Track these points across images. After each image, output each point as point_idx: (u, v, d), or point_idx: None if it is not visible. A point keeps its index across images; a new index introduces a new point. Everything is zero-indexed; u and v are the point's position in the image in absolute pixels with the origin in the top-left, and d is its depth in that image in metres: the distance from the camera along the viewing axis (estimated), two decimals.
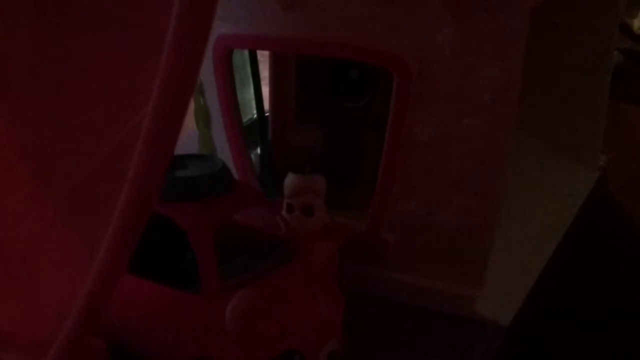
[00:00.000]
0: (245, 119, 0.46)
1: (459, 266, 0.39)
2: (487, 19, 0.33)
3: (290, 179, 0.38)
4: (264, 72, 0.47)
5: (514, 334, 0.38)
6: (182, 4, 0.20)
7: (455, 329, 0.38)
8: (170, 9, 0.20)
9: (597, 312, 0.45)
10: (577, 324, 0.43)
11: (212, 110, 0.45)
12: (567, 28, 0.53)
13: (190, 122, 0.46)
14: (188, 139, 0.47)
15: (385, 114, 0.37)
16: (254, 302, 0.30)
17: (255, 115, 0.47)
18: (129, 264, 0.23)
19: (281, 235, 0.36)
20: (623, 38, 0.86)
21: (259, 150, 0.47)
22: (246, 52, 0.45)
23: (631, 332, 0.43)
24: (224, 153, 0.44)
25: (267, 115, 0.48)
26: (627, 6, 0.86)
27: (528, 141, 0.56)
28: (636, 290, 0.47)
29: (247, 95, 0.48)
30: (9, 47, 0.33)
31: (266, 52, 0.47)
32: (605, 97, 0.55)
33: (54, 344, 0.24)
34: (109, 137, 0.28)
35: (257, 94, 0.45)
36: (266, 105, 0.47)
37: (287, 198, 0.38)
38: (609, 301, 0.46)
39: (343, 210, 0.41)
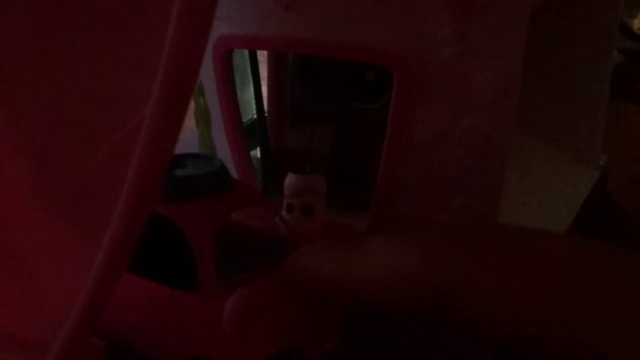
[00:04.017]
0: (245, 119, 0.46)
1: None
2: (487, 19, 0.34)
3: (290, 179, 0.38)
4: (264, 72, 0.47)
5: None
6: (182, 4, 0.20)
7: (455, 329, 0.38)
8: (170, 9, 0.20)
9: None
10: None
11: (212, 110, 0.45)
12: (567, 28, 0.53)
13: (190, 122, 0.46)
14: (188, 139, 0.47)
15: None
16: (252, 301, 0.30)
17: (255, 115, 0.47)
18: (129, 264, 0.23)
19: (280, 235, 0.36)
20: (623, 38, 0.86)
21: (259, 150, 0.47)
22: (246, 52, 0.45)
23: None
24: (224, 153, 0.45)
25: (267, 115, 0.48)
26: (627, 6, 0.86)
27: (528, 141, 0.56)
28: None
29: (247, 95, 0.48)
30: (8, 48, 0.33)
31: (266, 52, 0.48)
32: (605, 97, 0.55)
33: (54, 344, 0.24)
34: (109, 137, 0.28)
35: (257, 94, 0.45)
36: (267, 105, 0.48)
37: (287, 198, 0.38)
38: None
39: (351, 210, 0.41)
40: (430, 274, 0.23)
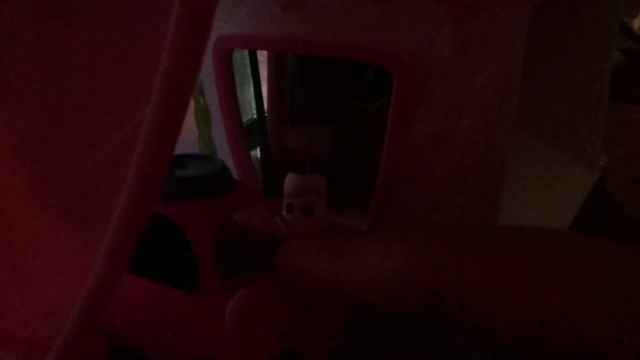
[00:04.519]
0: (245, 119, 0.46)
1: None
2: (487, 19, 0.34)
3: (290, 179, 0.38)
4: (264, 72, 0.47)
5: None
6: (182, 4, 0.20)
7: (455, 329, 0.38)
8: (170, 9, 0.20)
9: None
10: None
11: (212, 110, 0.45)
12: (567, 28, 0.53)
13: (190, 122, 0.46)
14: (188, 139, 0.47)
15: None
16: (254, 301, 0.30)
17: (255, 115, 0.47)
18: (129, 264, 0.23)
19: (281, 235, 0.36)
20: (623, 38, 0.86)
21: (259, 150, 0.47)
22: (246, 52, 0.45)
23: None
24: (224, 153, 0.45)
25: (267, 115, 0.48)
26: (627, 6, 0.86)
27: (528, 141, 0.56)
28: None
29: (247, 95, 0.48)
30: (8, 49, 0.33)
31: (266, 52, 0.48)
32: (605, 97, 0.55)
33: (54, 344, 0.24)
34: (109, 137, 0.28)
35: (257, 94, 0.45)
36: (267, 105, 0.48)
37: (287, 198, 0.38)
38: None
39: (351, 210, 0.41)
40: (420, 273, 0.23)
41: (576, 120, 0.56)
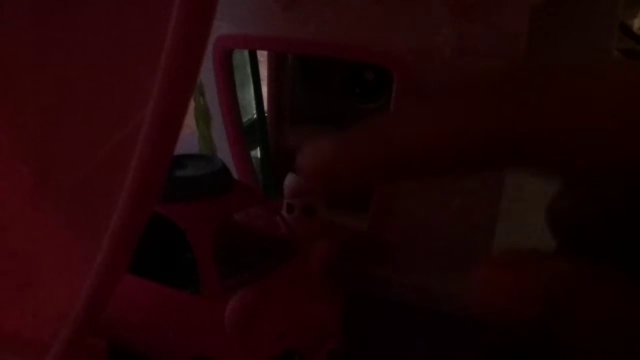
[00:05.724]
0: (245, 119, 0.46)
1: (459, 266, 0.39)
2: (486, 19, 0.33)
3: (290, 179, 0.38)
4: (264, 72, 0.47)
5: (514, 334, 0.38)
6: (183, 4, 0.20)
7: (455, 329, 0.38)
8: (170, 9, 0.20)
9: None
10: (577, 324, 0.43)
11: (212, 110, 0.45)
12: (567, 28, 0.53)
13: (190, 122, 0.46)
14: (188, 139, 0.47)
15: None
16: (254, 301, 0.30)
17: (255, 115, 0.47)
18: (129, 264, 0.23)
19: (281, 235, 0.36)
20: (623, 38, 0.86)
21: (259, 150, 0.47)
22: (246, 52, 0.45)
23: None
24: (224, 153, 0.45)
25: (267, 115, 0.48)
26: (627, 6, 0.86)
27: None
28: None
29: (247, 95, 0.48)
30: (9, 50, 0.33)
31: (266, 52, 0.48)
32: None
33: (54, 344, 0.24)
34: (109, 137, 0.28)
35: (257, 94, 0.45)
36: (267, 105, 0.48)
37: (287, 198, 0.38)
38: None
39: (351, 210, 0.41)
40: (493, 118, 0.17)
41: None
